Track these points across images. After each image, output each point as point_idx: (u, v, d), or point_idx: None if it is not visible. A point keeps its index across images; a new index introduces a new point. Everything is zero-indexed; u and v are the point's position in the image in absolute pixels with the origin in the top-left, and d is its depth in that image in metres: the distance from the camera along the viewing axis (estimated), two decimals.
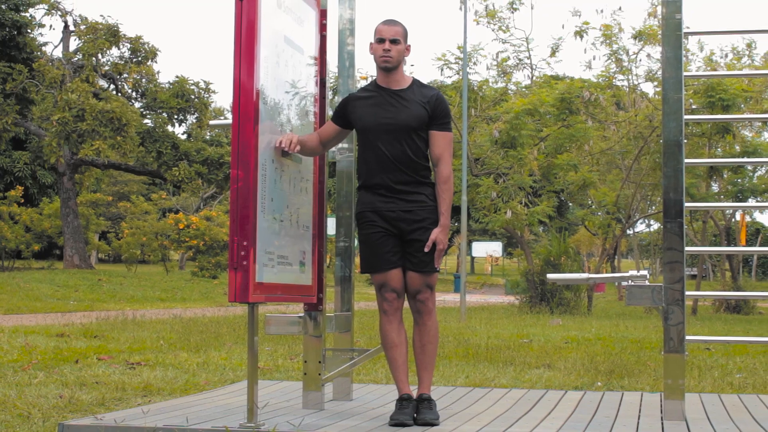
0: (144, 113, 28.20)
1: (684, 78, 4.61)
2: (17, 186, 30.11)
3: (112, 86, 28.70)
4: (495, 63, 21.17)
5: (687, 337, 4.53)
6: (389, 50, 4.42)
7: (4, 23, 27.12)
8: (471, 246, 45.04)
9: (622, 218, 21.19)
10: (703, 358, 8.18)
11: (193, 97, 26.88)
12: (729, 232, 26.92)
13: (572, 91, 18.65)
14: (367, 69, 21.11)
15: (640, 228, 40.39)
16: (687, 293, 4.54)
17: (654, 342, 10.10)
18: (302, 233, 4.59)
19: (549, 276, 5.10)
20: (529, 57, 21.21)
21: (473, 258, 53.74)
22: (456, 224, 35.40)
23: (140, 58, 27.52)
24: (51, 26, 43.55)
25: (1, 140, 26.67)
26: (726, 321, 17.17)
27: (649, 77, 19.74)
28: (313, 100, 4.83)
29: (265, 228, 4.14)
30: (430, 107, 4.44)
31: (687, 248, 4.58)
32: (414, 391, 4.45)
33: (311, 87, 4.80)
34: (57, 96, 24.78)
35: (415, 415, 4.34)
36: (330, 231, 13.30)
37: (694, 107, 17.63)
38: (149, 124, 27.48)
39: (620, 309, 21.26)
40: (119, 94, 27.94)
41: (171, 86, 27.21)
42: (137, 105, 28.52)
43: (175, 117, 27.32)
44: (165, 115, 27.31)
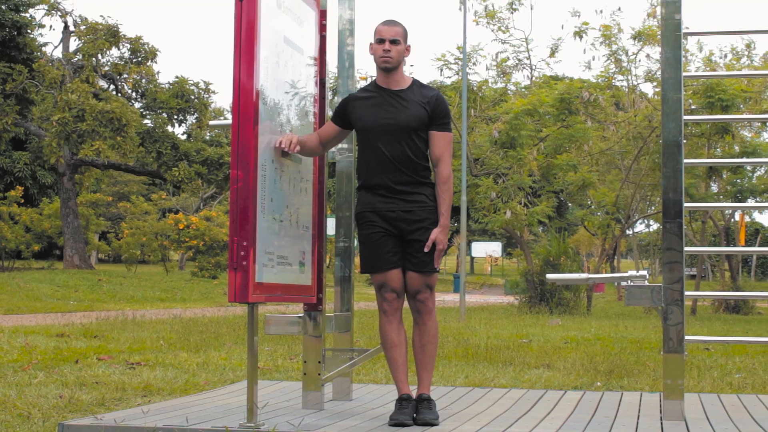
0: (144, 113, 28.21)
1: (683, 78, 4.61)
2: (17, 186, 30.10)
3: (112, 87, 28.71)
4: (494, 63, 21.18)
5: (686, 337, 4.54)
6: (389, 51, 4.42)
7: (4, 24, 27.13)
8: (470, 246, 45.04)
9: (622, 218, 21.20)
10: (703, 358, 8.19)
11: (193, 98, 26.90)
12: (728, 233, 26.93)
13: (572, 92, 18.65)
14: (367, 69, 21.14)
15: (640, 228, 40.41)
16: (686, 293, 4.55)
17: (653, 342, 10.11)
18: (302, 233, 4.60)
19: (548, 276, 5.10)
20: (529, 57, 21.22)
21: (473, 258, 53.74)
22: (455, 224, 35.41)
23: (140, 59, 27.53)
24: (51, 27, 43.62)
25: (1, 140, 26.68)
26: (725, 321, 17.18)
27: (649, 78, 19.75)
28: (313, 101, 4.84)
29: (265, 228, 4.14)
30: (430, 107, 4.45)
31: (686, 248, 4.59)
32: (413, 391, 4.46)
33: (311, 87, 4.81)
34: (57, 96, 24.79)
35: (415, 415, 4.34)
36: (330, 231, 13.31)
37: (694, 107, 17.64)
38: (149, 125, 27.49)
39: (619, 309, 21.27)
40: (119, 95, 27.95)
41: (171, 86, 27.22)
42: (137, 105, 28.54)
43: (175, 117, 27.34)
44: (165, 116, 27.32)
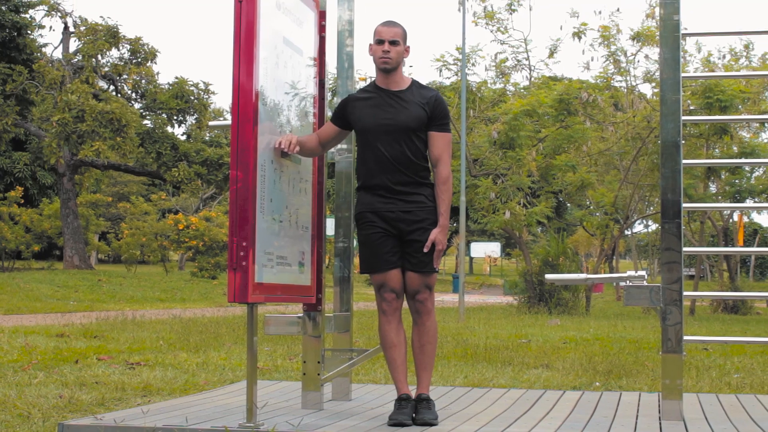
0: (144, 114, 28.22)
1: (682, 79, 4.62)
2: (17, 187, 30.10)
3: (112, 87, 28.73)
4: (493, 64, 21.18)
5: (685, 338, 4.55)
6: (388, 51, 4.43)
7: (4, 24, 27.15)
8: (470, 246, 45.06)
9: (620, 219, 21.20)
10: (701, 359, 8.20)
11: (193, 98, 26.90)
12: (727, 233, 26.94)
13: (570, 92, 18.66)
14: (366, 70, 21.08)
15: (638, 228, 40.41)
16: (685, 293, 4.56)
17: (652, 342, 10.12)
18: (301, 234, 4.61)
19: (547, 276, 5.11)
20: (528, 58, 21.23)
21: (472, 258, 53.74)
22: (455, 225, 35.41)
23: (140, 59, 27.54)
24: (51, 27, 43.74)
25: (1, 141, 26.70)
26: (724, 321, 17.19)
27: (647, 78, 19.76)
28: (313, 101, 4.85)
29: (265, 228, 4.15)
30: (429, 108, 4.46)
31: (685, 249, 4.60)
32: (413, 391, 4.46)
33: (310, 88, 4.82)
34: (57, 97, 24.80)
35: (414, 415, 4.35)
36: (329, 231, 13.31)
37: (692, 108, 17.65)
38: (149, 125, 27.50)
39: (618, 309, 21.27)
40: (119, 95, 27.97)
41: (170, 87, 27.23)
42: (137, 106, 28.55)
43: (175, 118, 27.34)
44: (164, 116, 27.33)
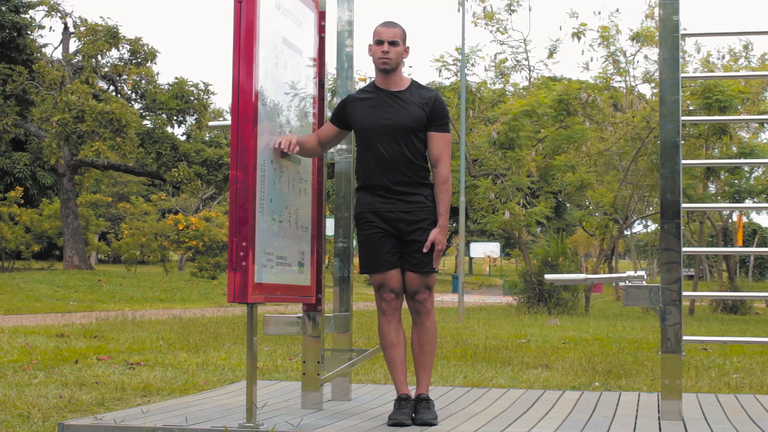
0: (143, 114, 28.22)
1: (681, 79, 4.63)
2: (17, 187, 30.13)
3: (112, 87, 28.73)
4: (493, 64, 21.20)
5: (684, 338, 4.55)
6: (388, 52, 4.44)
7: (4, 25, 27.15)
8: (469, 247, 45.07)
9: (620, 219, 21.21)
10: (701, 359, 8.20)
11: (193, 99, 26.91)
12: (726, 233, 26.95)
13: (570, 93, 18.67)
14: (366, 70, 21.07)
15: (638, 229, 40.45)
16: (684, 294, 4.56)
17: (651, 342, 10.12)
18: (301, 234, 4.62)
19: (547, 276, 5.12)
20: (527, 58, 21.25)
21: (471, 259, 53.74)
22: (454, 225, 35.42)
23: (140, 60, 27.55)
24: (51, 28, 43.83)
25: (1, 141, 26.70)
26: (723, 321, 17.19)
27: (647, 79, 19.78)
28: (312, 102, 4.85)
29: (264, 229, 4.16)
30: (429, 108, 4.46)
31: (684, 249, 4.60)
32: (412, 391, 4.47)
33: (310, 88, 4.82)
34: (57, 97, 24.81)
35: (414, 415, 4.35)
36: (328, 232, 13.32)
37: (692, 108, 17.66)
38: (149, 126, 27.51)
39: (618, 309, 21.28)
40: (119, 96, 27.96)
41: (170, 87, 27.24)
42: (137, 106, 28.55)
43: (175, 118, 27.35)
44: (164, 117, 27.34)
